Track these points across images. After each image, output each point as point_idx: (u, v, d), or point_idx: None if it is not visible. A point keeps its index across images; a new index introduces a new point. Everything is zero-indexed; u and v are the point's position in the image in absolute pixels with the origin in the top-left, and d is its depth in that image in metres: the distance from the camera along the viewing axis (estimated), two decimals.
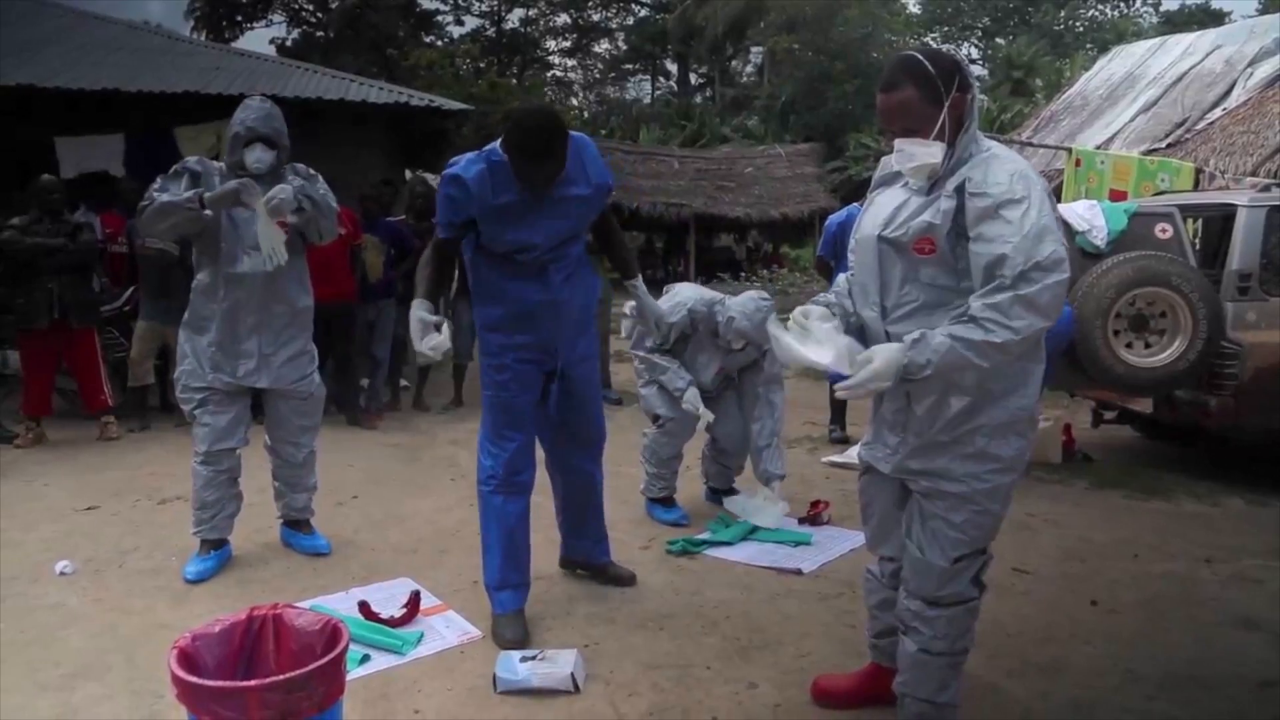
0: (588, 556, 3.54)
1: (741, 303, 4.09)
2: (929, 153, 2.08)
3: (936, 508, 2.21)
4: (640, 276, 3.45)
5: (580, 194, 2.99)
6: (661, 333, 3.91)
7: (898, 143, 2.13)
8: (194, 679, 1.96)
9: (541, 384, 3.15)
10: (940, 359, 1.97)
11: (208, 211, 3.41)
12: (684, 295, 4.25)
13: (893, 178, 2.25)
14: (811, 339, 2.10)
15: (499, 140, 2.88)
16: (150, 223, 3.49)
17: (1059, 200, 7.42)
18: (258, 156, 3.53)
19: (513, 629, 3.01)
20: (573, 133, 2.93)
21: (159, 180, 3.49)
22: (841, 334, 2.11)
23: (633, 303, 3.48)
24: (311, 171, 3.75)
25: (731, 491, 4.46)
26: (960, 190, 2.04)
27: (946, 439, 2.14)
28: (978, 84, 2.07)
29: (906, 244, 2.10)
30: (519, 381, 3.09)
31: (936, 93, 2.07)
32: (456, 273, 3.68)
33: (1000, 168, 2.04)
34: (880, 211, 2.20)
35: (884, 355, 2.01)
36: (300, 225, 3.57)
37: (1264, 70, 10.30)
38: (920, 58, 2.12)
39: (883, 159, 2.29)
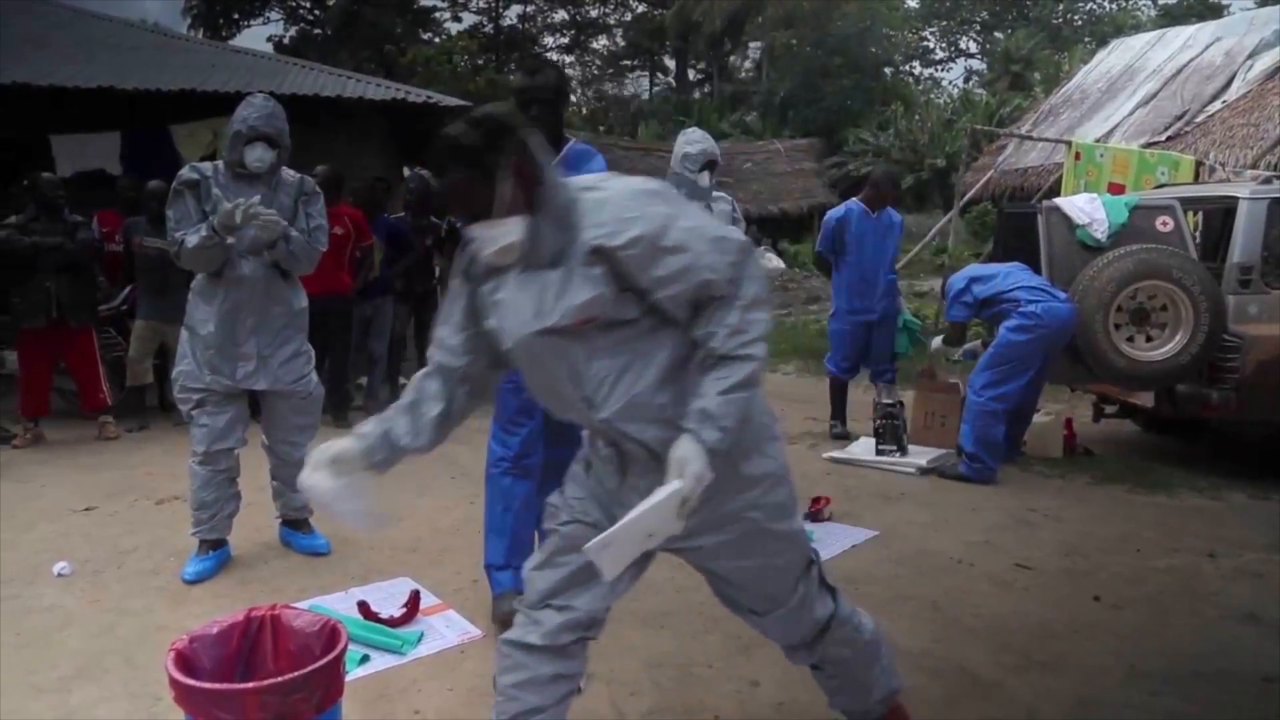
0: None
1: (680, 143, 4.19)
2: (504, 233, 1.82)
3: (735, 565, 2.03)
4: None
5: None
6: None
7: (471, 231, 1.87)
8: (191, 681, 1.95)
9: None
10: (732, 418, 1.79)
11: (230, 240, 3.42)
12: None
13: (501, 268, 1.91)
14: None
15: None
16: (192, 264, 3.53)
17: (1059, 194, 7.41)
18: (258, 156, 3.51)
19: (511, 604, 2.97)
20: (582, 144, 3.14)
21: (170, 215, 3.51)
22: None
23: None
24: (315, 189, 3.75)
25: None
26: (601, 252, 1.79)
27: (709, 483, 1.84)
28: (535, 135, 1.88)
29: (569, 326, 1.82)
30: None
31: (487, 167, 1.81)
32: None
33: (626, 204, 1.82)
34: (519, 308, 1.87)
35: (686, 454, 1.77)
36: (273, 254, 3.57)
37: (1264, 62, 10.27)
38: (462, 134, 1.83)
39: (468, 249, 1.96)
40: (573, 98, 35.21)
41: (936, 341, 5.58)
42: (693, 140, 4.22)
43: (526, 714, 2.00)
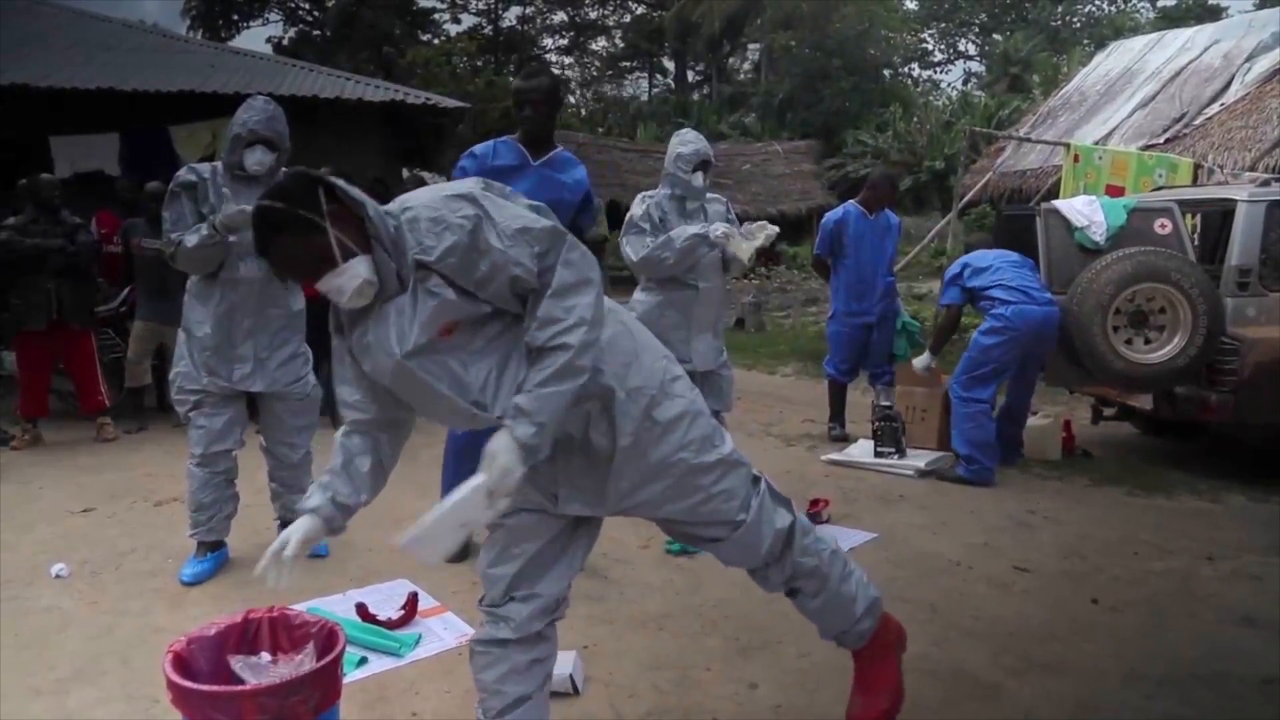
0: None
1: (673, 144, 4.20)
2: (352, 275, 1.82)
3: (678, 496, 2.05)
4: None
5: (562, 179, 3.61)
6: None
7: (319, 287, 1.85)
8: (189, 684, 1.95)
9: None
10: (545, 413, 1.80)
11: (232, 238, 3.42)
12: (638, 197, 4.26)
13: (363, 311, 1.92)
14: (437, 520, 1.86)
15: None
16: (188, 265, 3.51)
17: (1058, 196, 7.42)
18: (258, 159, 3.51)
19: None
20: (567, 152, 3.67)
21: (166, 216, 3.49)
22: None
23: None
24: None
25: None
26: (425, 267, 1.83)
27: (629, 440, 1.95)
28: (338, 180, 1.90)
29: (431, 342, 1.85)
30: None
31: (310, 225, 1.82)
32: None
33: (433, 217, 1.84)
34: (383, 342, 1.88)
35: (498, 448, 1.81)
36: None
37: (1262, 65, 10.28)
38: (269, 204, 1.84)
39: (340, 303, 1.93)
40: (572, 99, 35.33)
41: (919, 361, 5.59)
42: (686, 141, 4.22)
43: (514, 704, 2.06)
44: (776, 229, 4.11)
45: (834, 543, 2.30)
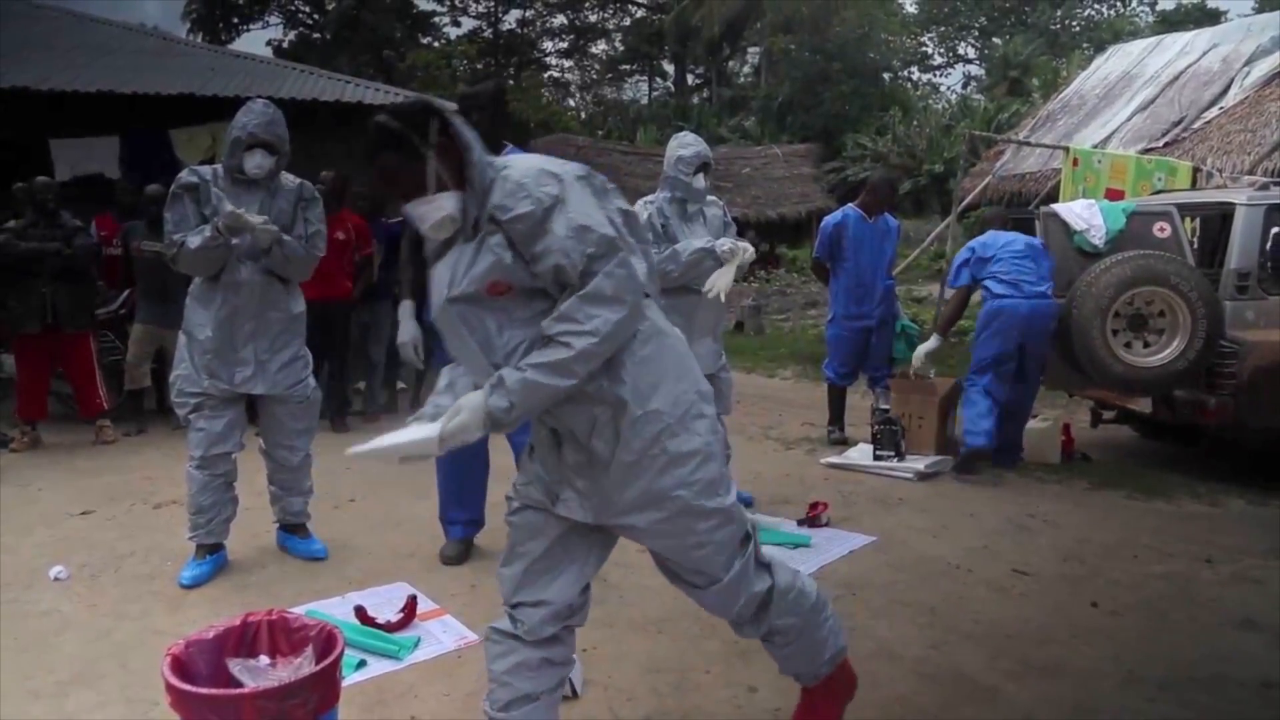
0: None
1: (673, 147, 4.23)
2: (438, 207, 1.94)
3: (670, 533, 2.03)
4: None
5: None
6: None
7: (406, 210, 1.98)
8: (187, 687, 1.95)
9: None
10: (522, 396, 1.85)
11: (235, 240, 3.43)
12: (639, 203, 4.25)
13: (449, 241, 2.02)
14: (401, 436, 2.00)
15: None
16: (190, 267, 3.51)
17: (1057, 199, 7.43)
18: (257, 162, 3.52)
19: (452, 549, 3.77)
20: (517, 149, 3.47)
21: (168, 217, 3.49)
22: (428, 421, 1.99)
23: None
24: (314, 194, 3.76)
25: None
26: (495, 222, 1.91)
27: (634, 457, 1.94)
28: (458, 118, 2.01)
29: (478, 293, 1.93)
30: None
31: (415, 149, 1.94)
32: None
33: (522, 181, 1.91)
34: (441, 279, 2.00)
35: (469, 404, 1.89)
36: (269, 261, 3.57)
37: (1261, 69, 10.29)
38: (386, 120, 1.96)
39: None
40: (571, 102, 35.36)
41: (924, 346, 5.59)
42: (686, 144, 4.24)
43: (519, 700, 2.06)
44: (753, 252, 4.12)
45: (816, 592, 2.27)
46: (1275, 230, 4.88)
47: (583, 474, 2.00)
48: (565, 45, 36.60)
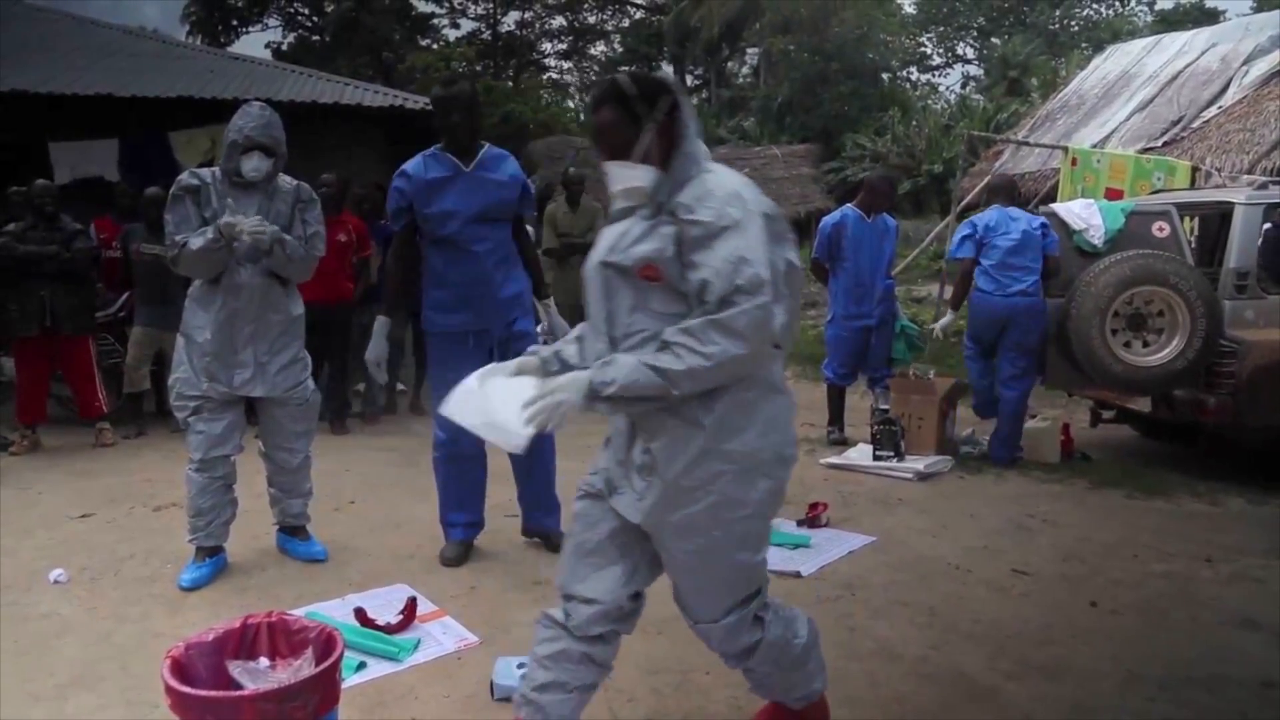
0: (542, 525, 3.92)
1: None
2: (634, 175, 2.02)
3: (696, 569, 2.10)
4: (551, 299, 3.97)
5: (497, 179, 3.65)
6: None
7: (605, 165, 2.07)
8: (187, 689, 1.95)
9: (480, 362, 3.55)
10: (626, 379, 1.90)
11: (236, 244, 3.43)
12: None
13: (627, 211, 2.11)
14: (490, 400, 2.03)
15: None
16: (191, 269, 3.51)
17: (1055, 200, 7.43)
18: (255, 165, 3.51)
19: (452, 550, 3.77)
20: (497, 148, 3.74)
21: (169, 219, 3.49)
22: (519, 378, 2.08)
23: (544, 324, 3.89)
24: (312, 196, 3.76)
25: None
26: (675, 215, 1.96)
27: (691, 484, 2.00)
28: (690, 106, 2.08)
29: (630, 269, 2.00)
30: (457, 358, 3.53)
31: (637, 116, 2.02)
32: None
33: (714, 192, 1.96)
34: (606, 240, 2.11)
35: (575, 380, 1.96)
36: (269, 262, 3.56)
37: (1259, 68, 10.29)
38: (623, 80, 2.06)
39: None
40: (571, 103, 35.34)
41: (940, 323, 5.81)
42: None
43: (554, 687, 2.12)
44: None
45: (807, 637, 2.28)
46: (1266, 226, 4.87)
47: (644, 476, 2.06)
48: (564, 47, 36.57)
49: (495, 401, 2.02)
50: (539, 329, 3.90)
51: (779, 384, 2.10)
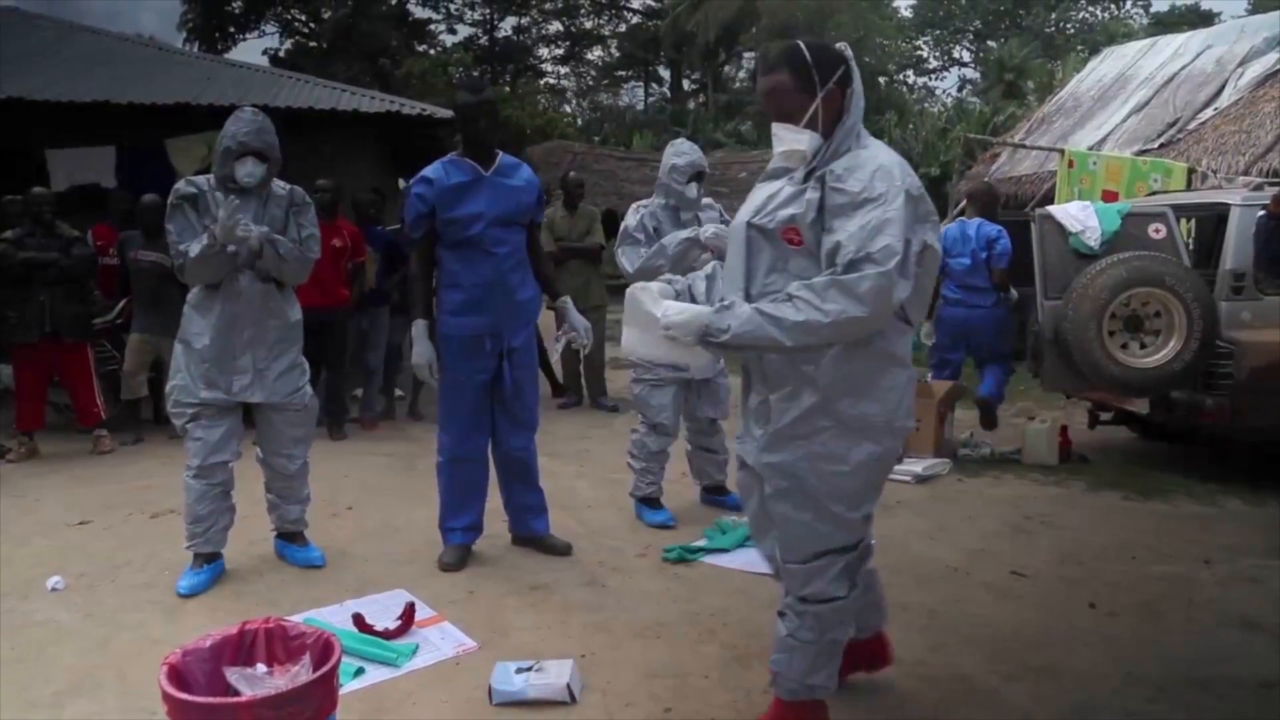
0: (530, 529, 3.94)
1: (668, 155, 4.32)
2: (797, 139, 2.12)
3: (784, 507, 2.22)
4: (567, 297, 4.01)
5: (514, 184, 3.70)
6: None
7: (773, 126, 2.16)
8: (184, 695, 1.95)
9: (492, 365, 3.68)
10: (740, 326, 2.00)
11: (231, 247, 3.43)
12: (632, 207, 4.37)
13: (781, 171, 2.26)
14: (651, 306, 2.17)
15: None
16: (195, 276, 3.52)
17: (1053, 202, 7.43)
18: (249, 170, 3.52)
19: (450, 555, 3.76)
20: (510, 156, 3.81)
21: (170, 229, 3.50)
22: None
23: (565, 325, 3.90)
24: (306, 199, 3.76)
25: (723, 490, 4.48)
26: (823, 181, 2.06)
27: (797, 433, 2.15)
28: (859, 82, 2.19)
29: (773, 231, 2.13)
30: (471, 361, 3.64)
31: (810, 82, 2.11)
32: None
33: (865, 165, 2.05)
34: (755, 200, 2.24)
35: (692, 310, 2.08)
36: (264, 264, 3.56)
37: (1255, 70, 10.31)
38: (801, 45, 2.16)
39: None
40: (568, 108, 35.41)
41: (922, 331, 5.94)
42: (681, 152, 4.26)
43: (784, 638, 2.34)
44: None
45: (845, 635, 2.35)
46: (1260, 214, 4.83)
47: (759, 424, 2.24)
48: (561, 52, 36.64)
49: (644, 297, 2.18)
50: (559, 332, 3.90)
51: (903, 358, 2.19)
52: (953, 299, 5.78)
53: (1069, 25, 36.01)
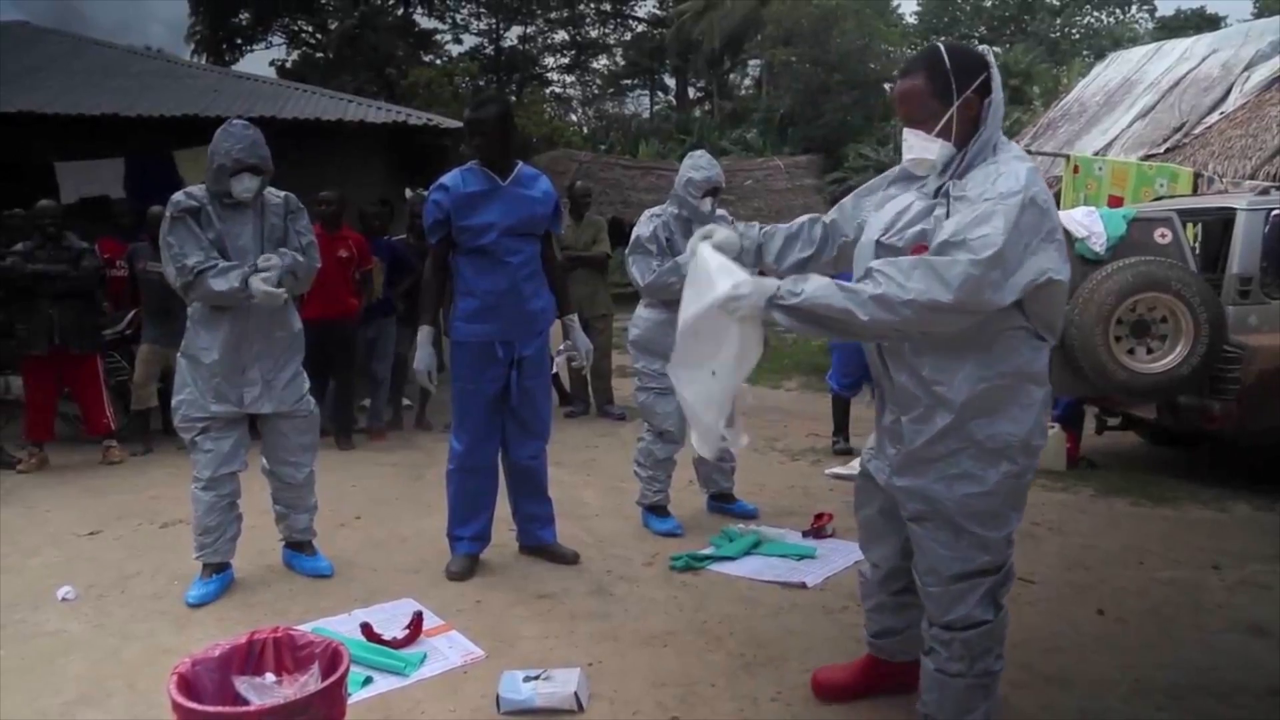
0: (537, 539, 3.95)
1: (685, 166, 4.31)
2: (926, 147, 2.05)
3: (925, 531, 2.19)
4: (575, 314, 4.02)
5: (531, 195, 3.71)
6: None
7: (903, 132, 2.10)
8: (194, 705, 1.96)
9: (504, 374, 3.71)
10: (814, 291, 1.90)
11: (254, 299, 3.46)
12: (645, 215, 4.37)
13: (906, 176, 2.20)
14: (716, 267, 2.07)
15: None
16: (203, 300, 3.53)
17: (1058, 207, 7.43)
18: (245, 186, 3.53)
19: (458, 564, 3.77)
20: (531, 167, 3.83)
21: (172, 242, 3.49)
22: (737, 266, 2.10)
23: (568, 341, 3.91)
24: (299, 206, 3.80)
25: (729, 498, 4.48)
26: (949, 195, 2.01)
27: (931, 455, 2.09)
28: (1000, 91, 2.10)
29: (903, 250, 2.04)
30: (483, 369, 3.67)
31: (947, 89, 2.03)
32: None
33: (991, 178, 1.97)
34: (884, 216, 2.16)
35: (758, 285, 1.96)
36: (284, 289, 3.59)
37: (1261, 73, 10.30)
38: (941, 49, 2.08)
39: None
40: (574, 117, 35.50)
41: None
42: (699, 166, 4.26)
43: (884, 633, 2.55)
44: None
45: (997, 673, 2.32)
46: (1275, 213, 4.81)
47: (893, 444, 2.20)
48: (567, 61, 36.78)
49: (705, 264, 2.08)
50: (560, 347, 3.91)
51: (1039, 375, 2.11)
52: None
53: (1074, 30, 36.03)
